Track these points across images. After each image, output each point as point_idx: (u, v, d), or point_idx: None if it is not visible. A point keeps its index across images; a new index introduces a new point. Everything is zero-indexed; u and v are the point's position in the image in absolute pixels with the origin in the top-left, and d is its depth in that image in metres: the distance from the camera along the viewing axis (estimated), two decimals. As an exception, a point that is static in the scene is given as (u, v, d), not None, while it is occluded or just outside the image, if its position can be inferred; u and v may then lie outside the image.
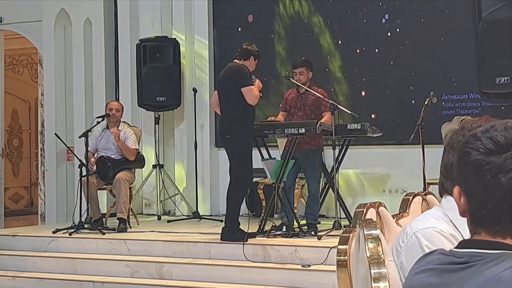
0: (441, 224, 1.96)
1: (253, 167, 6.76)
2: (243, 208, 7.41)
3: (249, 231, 6.52)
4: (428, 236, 1.95)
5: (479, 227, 1.40)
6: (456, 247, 1.41)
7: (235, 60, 6.79)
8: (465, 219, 1.85)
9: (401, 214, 2.79)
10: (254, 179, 6.84)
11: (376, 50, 8.42)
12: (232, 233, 6.55)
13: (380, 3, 8.40)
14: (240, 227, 6.62)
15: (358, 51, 8.54)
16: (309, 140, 7.02)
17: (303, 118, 7.11)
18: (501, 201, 1.35)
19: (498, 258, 1.34)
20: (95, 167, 7.83)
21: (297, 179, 7.43)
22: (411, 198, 2.87)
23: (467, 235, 1.48)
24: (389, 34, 8.36)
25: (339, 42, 8.64)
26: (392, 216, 2.66)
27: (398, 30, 8.32)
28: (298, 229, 6.74)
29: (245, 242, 6.35)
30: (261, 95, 6.72)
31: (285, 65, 8.85)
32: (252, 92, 6.56)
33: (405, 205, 2.85)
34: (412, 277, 1.46)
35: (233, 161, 6.67)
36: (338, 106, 6.87)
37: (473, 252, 1.37)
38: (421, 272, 1.44)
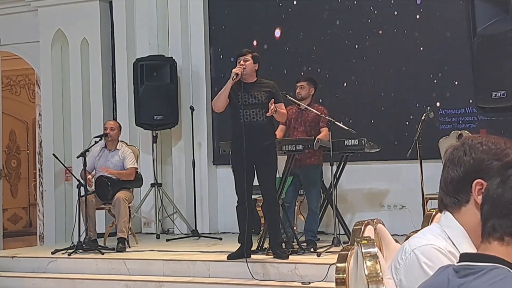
0: (439, 241, 1.96)
1: (252, 184, 6.75)
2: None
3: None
4: (427, 254, 1.95)
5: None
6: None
7: None
8: (463, 236, 1.88)
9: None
10: (253, 197, 6.81)
11: (372, 66, 8.45)
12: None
13: (376, 18, 8.43)
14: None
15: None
16: (309, 155, 7.05)
17: (303, 134, 7.15)
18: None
19: (482, 270, 1.41)
20: (93, 186, 7.83)
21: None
22: (434, 213, 2.87)
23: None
24: (384, 49, 8.38)
25: (336, 57, 8.67)
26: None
27: (393, 45, 8.34)
28: (297, 246, 6.73)
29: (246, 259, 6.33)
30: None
31: (284, 82, 8.82)
32: None
33: (427, 220, 2.85)
34: None
35: None
36: (336, 122, 6.89)
37: (466, 265, 1.43)
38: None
